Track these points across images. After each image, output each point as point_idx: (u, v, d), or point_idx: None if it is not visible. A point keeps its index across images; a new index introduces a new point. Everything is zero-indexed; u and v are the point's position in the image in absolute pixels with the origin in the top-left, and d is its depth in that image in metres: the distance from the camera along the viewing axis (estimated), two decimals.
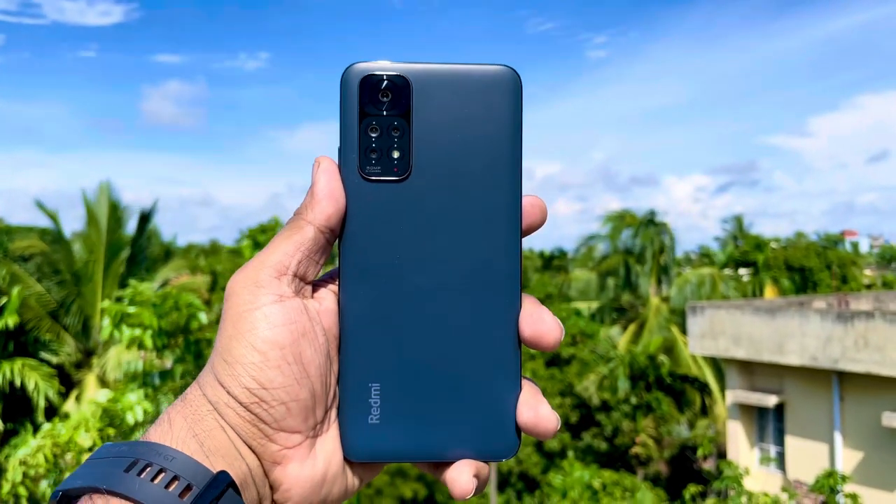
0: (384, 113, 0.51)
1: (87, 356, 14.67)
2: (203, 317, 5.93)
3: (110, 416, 4.72)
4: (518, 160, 0.51)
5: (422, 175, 0.51)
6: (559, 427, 0.52)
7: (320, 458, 0.51)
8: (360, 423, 0.51)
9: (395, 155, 0.51)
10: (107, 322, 5.69)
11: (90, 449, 4.46)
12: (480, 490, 0.52)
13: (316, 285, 0.53)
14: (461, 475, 0.51)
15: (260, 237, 7.20)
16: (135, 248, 15.17)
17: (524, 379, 0.53)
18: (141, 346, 5.56)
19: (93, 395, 13.47)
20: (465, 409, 0.52)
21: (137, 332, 5.43)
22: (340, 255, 0.52)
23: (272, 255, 0.50)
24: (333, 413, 0.52)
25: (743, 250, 29.17)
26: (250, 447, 0.49)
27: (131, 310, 5.60)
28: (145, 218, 15.63)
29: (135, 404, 5.01)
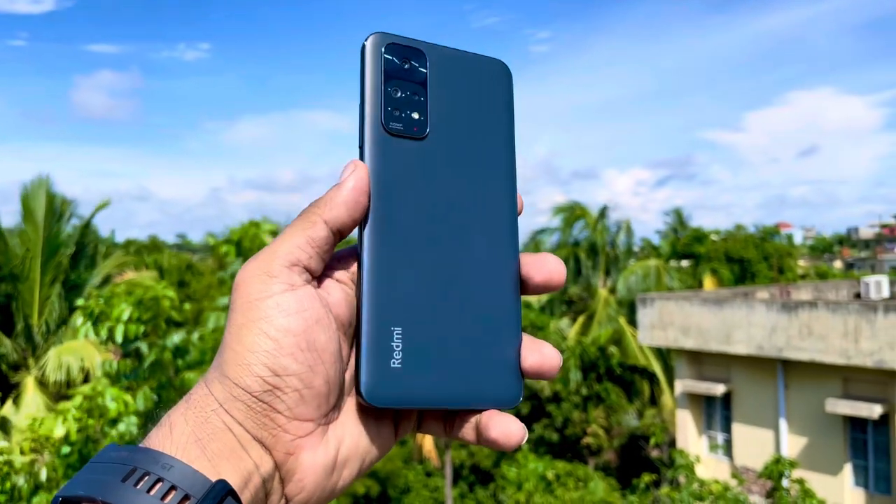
0: (405, 78, 0.54)
1: (24, 357, 14.09)
2: (175, 314, 5.78)
3: (91, 407, 4.58)
4: (513, 137, 0.58)
5: (437, 137, 0.55)
6: (562, 363, 0.55)
7: (332, 445, 0.50)
8: (382, 366, 0.51)
9: (416, 116, 0.54)
10: (80, 321, 5.47)
11: (65, 438, 4.30)
12: None
13: (321, 277, 0.53)
14: (510, 424, 0.52)
15: (246, 237, 6.89)
16: (77, 246, 14.62)
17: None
18: (114, 340, 5.37)
19: (32, 397, 12.94)
20: (478, 358, 0.54)
21: (119, 327, 5.23)
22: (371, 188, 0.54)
23: (283, 245, 0.50)
24: (345, 400, 0.52)
25: (685, 242, 29.85)
26: (260, 440, 0.47)
27: (108, 306, 5.39)
28: (88, 218, 15.08)
29: (116, 395, 4.90)
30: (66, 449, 4.30)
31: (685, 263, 29.57)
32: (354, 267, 0.53)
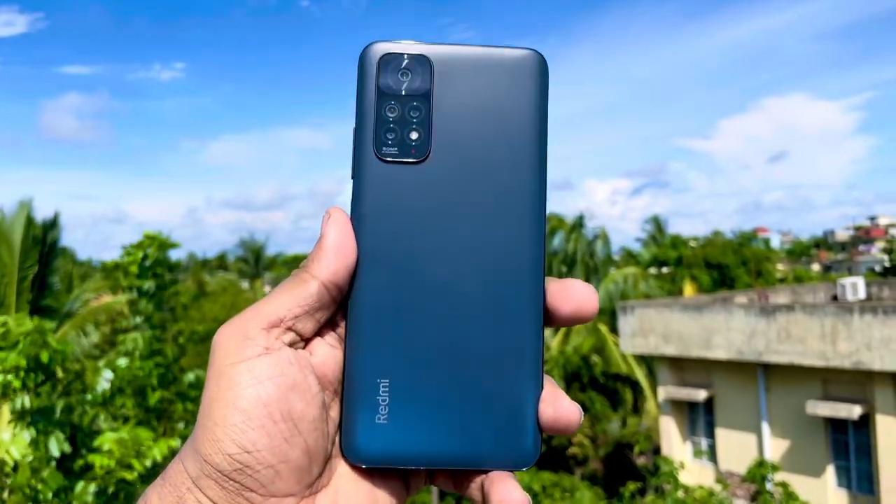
0: (403, 93, 0.49)
1: None
2: (76, 348, 5.65)
3: None
4: (544, 147, 0.50)
5: (441, 158, 0.48)
6: (582, 419, 0.49)
7: None
8: (366, 422, 0.46)
9: (414, 136, 0.48)
10: None
11: None
12: None
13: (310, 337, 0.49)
14: (511, 492, 0.46)
15: (150, 252, 6.71)
16: (44, 267, 14.40)
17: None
18: (11, 390, 5.18)
19: (8, 428, 12.70)
20: (483, 412, 0.47)
21: (10, 377, 5.04)
22: (355, 234, 0.49)
23: (267, 306, 0.46)
24: (334, 463, 0.48)
25: (664, 249, 30.07)
26: None
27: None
28: (47, 230, 14.75)
29: (10, 445, 4.79)
30: None
31: (666, 270, 29.76)
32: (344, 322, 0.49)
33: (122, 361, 6.03)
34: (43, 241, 14.52)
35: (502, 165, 0.48)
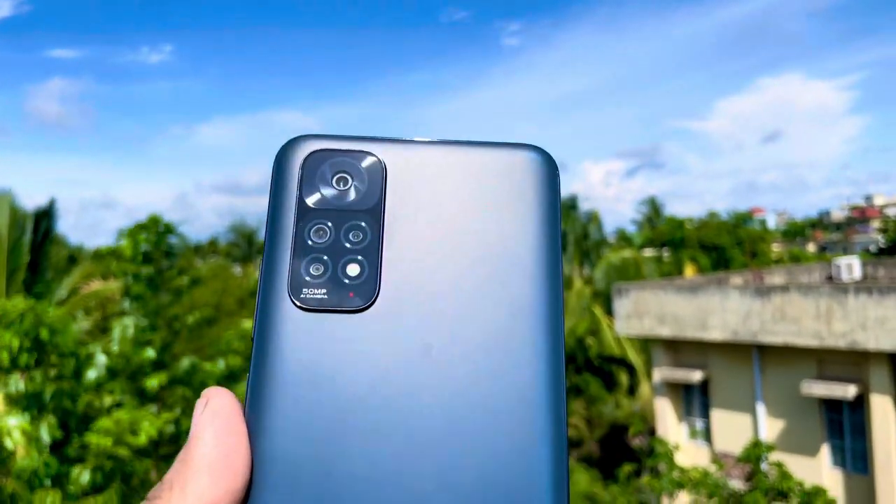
0: (339, 208, 0.33)
1: None
2: (75, 328, 5.61)
3: None
4: (557, 289, 0.32)
5: (396, 305, 0.32)
6: None
7: None
8: None
9: (353, 272, 0.32)
10: None
11: None
12: None
13: None
14: None
15: (140, 237, 6.60)
16: (37, 255, 14.29)
17: None
18: (3, 371, 5.15)
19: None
20: None
21: (3, 354, 5.00)
22: (250, 434, 0.30)
23: None
24: None
25: (659, 231, 30.01)
26: None
27: None
28: (41, 218, 14.66)
29: (14, 428, 4.76)
30: None
31: (666, 252, 29.74)
32: None
33: (115, 346, 5.99)
34: (35, 230, 14.42)
35: (494, 320, 0.31)
